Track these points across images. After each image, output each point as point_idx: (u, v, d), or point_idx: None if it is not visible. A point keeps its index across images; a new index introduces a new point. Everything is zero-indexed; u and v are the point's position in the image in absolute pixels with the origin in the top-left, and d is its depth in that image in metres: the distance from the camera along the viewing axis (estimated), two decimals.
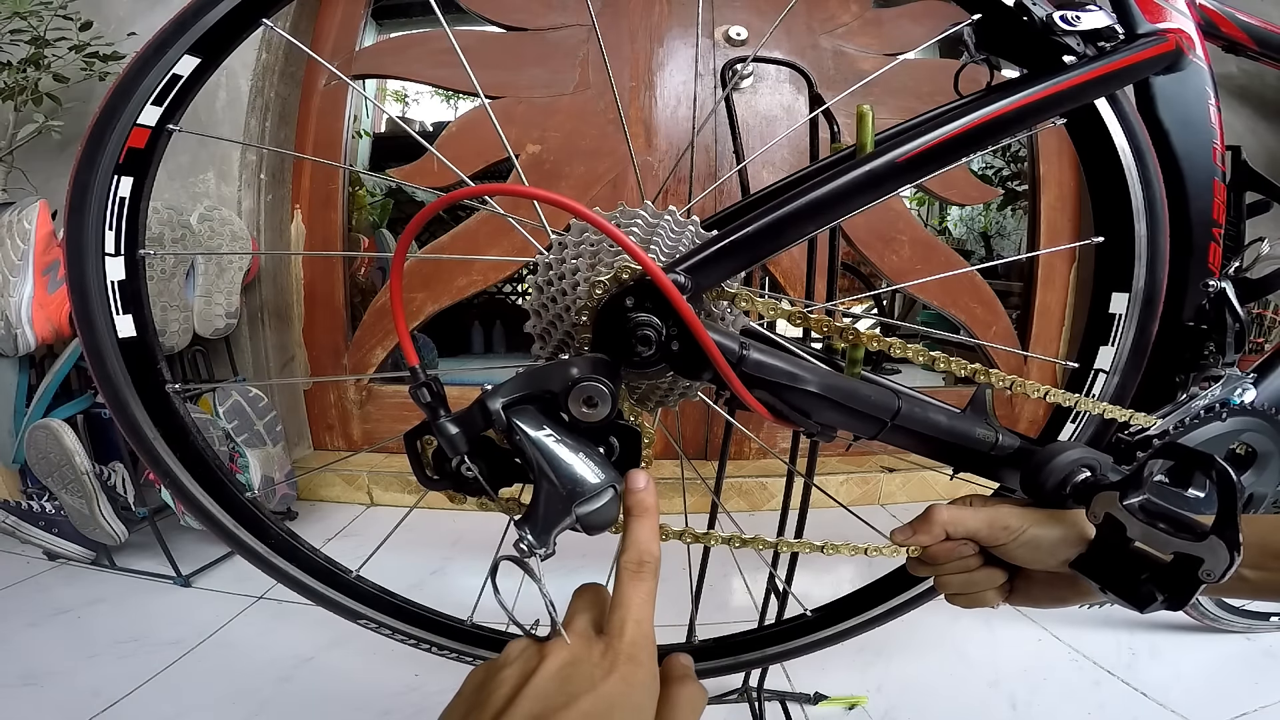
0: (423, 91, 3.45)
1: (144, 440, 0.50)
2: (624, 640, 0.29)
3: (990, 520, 0.42)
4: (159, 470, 0.51)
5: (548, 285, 0.44)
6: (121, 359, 0.48)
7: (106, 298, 0.47)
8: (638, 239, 0.43)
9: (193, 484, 0.52)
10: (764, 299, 0.42)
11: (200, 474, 0.52)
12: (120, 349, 0.48)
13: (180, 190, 1.45)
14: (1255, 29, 0.60)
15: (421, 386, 0.35)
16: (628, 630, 0.30)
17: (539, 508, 0.34)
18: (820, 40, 1.59)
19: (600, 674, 0.28)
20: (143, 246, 0.48)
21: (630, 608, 0.30)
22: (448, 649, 0.60)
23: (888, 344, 0.43)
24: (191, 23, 0.46)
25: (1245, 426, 0.61)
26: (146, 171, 0.48)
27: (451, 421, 0.35)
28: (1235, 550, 0.34)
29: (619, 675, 0.28)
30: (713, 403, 0.55)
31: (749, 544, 0.47)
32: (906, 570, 0.62)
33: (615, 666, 0.28)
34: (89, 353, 0.47)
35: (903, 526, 0.45)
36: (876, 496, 1.56)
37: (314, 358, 1.65)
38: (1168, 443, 0.42)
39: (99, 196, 0.46)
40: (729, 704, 0.80)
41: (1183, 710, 0.82)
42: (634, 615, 0.30)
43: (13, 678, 0.85)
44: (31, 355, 1.15)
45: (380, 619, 0.59)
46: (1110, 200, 0.52)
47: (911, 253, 1.62)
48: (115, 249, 0.47)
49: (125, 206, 0.47)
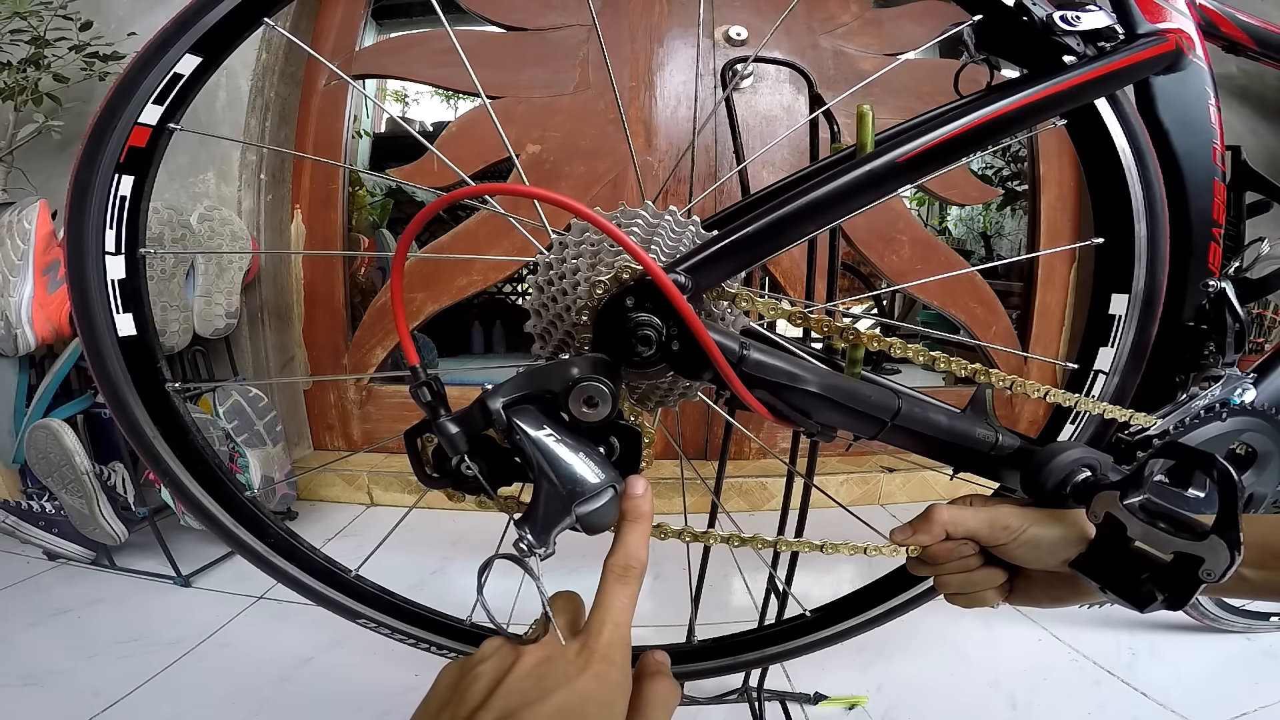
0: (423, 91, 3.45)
1: (144, 440, 0.50)
2: (600, 640, 0.30)
3: (990, 520, 0.42)
4: (159, 470, 0.51)
5: (548, 285, 0.44)
6: (121, 358, 0.48)
7: (107, 296, 0.47)
8: (639, 239, 0.43)
9: (193, 484, 0.52)
10: (764, 299, 0.42)
11: (200, 473, 0.52)
12: (120, 348, 0.48)
13: (180, 190, 1.45)
14: (1255, 29, 0.60)
15: (422, 386, 0.35)
16: (605, 631, 0.30)
17: (538, 507, 0.34)
18: (820, 40, 1.59)
19: (575, 671, 0.28)
20: (143, 245, 0.48)
21: (610, 610, 0.31)
22: (447, 648, 0.60)
23: (888, 344, 0.43)
24: (193, 22, 0.46)
25: (1245, 426, 0.61)
26: (147, 170, 0.48)
27: (452, 421, 0.35)
28: (1236, 550, 0.34)
29: (593, 673, 0.28)
30: (712, 403, 0.55)
31: (748, 543, 0.47)
32: (906, 570, 0.62)
33: (590, 664, 0.29)
34: (89, 351, 0.47)
35: (902, 526, 0.45)
36: (876, 496, 1.56)
37: (314, 358, 1.65)
38: (1168, 442, 0.42)
39: (100, 196, 0.46)
40: (729, 704, 0.80)
41: (1183, 710, 0.82)
42: (613, 618, 0.31)
43: (13, 678, 0.85)
44: (31, 355, 1.15)
45: (380, 619, 0.59)
46: (1110, 200, 0.52)
47: (911, 253, 1.62)
48: (116, 248, 0.47)
49: (126, 206, 0.47)
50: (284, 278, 1.60)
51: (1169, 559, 0.38)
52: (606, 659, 0.29)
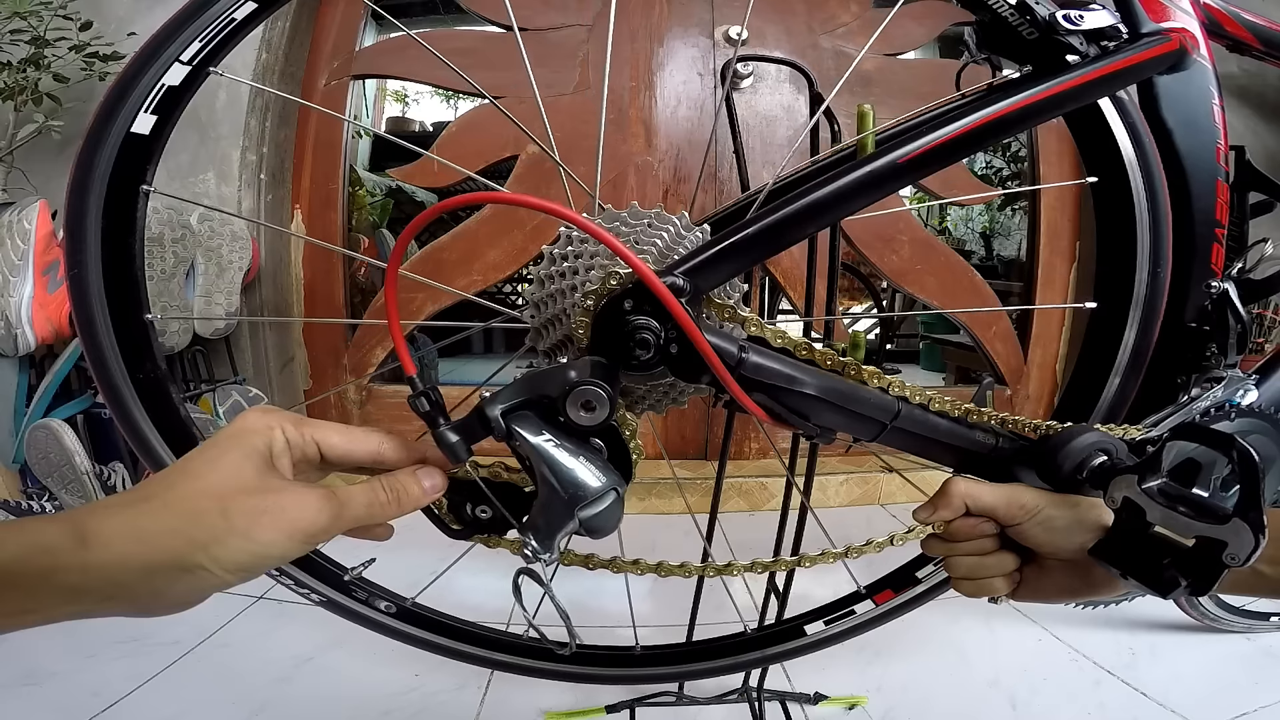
0: (423, 91, 3.45)
1: (144, 440, 0.50)
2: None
3: (1008, 497, 0.42)
4: (130, 432, 0.50)
5: (549, 281, 0.44)
6: (122, 358, 0.48)
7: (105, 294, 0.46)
8: (639, 240, 0.43)
9: (164, 447, 0.51)
10: (773, 327, 0.42)
11: (174, 440, 0.52)
12: (120, 347, 0.47)
13: (180, 190, 1.45)
14: (1260, 28, 0.60)
15: (420, 396, 0.35)
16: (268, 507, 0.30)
17: (542, 513, 0.34)
18: (820, 40, 1.58)
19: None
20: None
21: (301, 508, 0.30)
22: (445, 648, 0.60)
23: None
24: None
25: (1250, 428, 0.60)
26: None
27: (451, 429, 0.34)
28: (1260, 532, 0.33)
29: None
30: (713, 404, 0.55)
31: (751, 569, 0.47)
32: (905, 570, 0.62)
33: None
34: (89, 352, 0.47)
35: (924, 504, 0.45)
36: (876, 497, 1.56)
37: (314, 358, 1.65)
38: (1187, 424, 0.42)
39: (99, 195, 0.46)
40: (729, 704, 0.80)
41: (1183, 710, 0.82)
42: (293, 513, 0.30)
43: (13, 678, 0.85)
44: (31, 355, 1.15)
45: (381, 620, 0.58)
46: (1113, 201, 0.52)
47: (911, 253, 1.62)
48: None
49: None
50: (284, 278, 1.60)
51: (1190, 544, 0.37)
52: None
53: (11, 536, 0.26)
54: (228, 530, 0.28)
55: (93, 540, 0.26)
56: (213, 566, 0.28)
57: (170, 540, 0.28)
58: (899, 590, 0.62)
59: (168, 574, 0.28)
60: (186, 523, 0.28)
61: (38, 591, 0.26)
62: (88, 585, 0.27)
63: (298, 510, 0.30)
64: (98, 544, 0.26)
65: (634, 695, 0.80)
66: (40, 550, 0.26)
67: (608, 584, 0.38)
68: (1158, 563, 0.38)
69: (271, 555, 0.29)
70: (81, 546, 0.26)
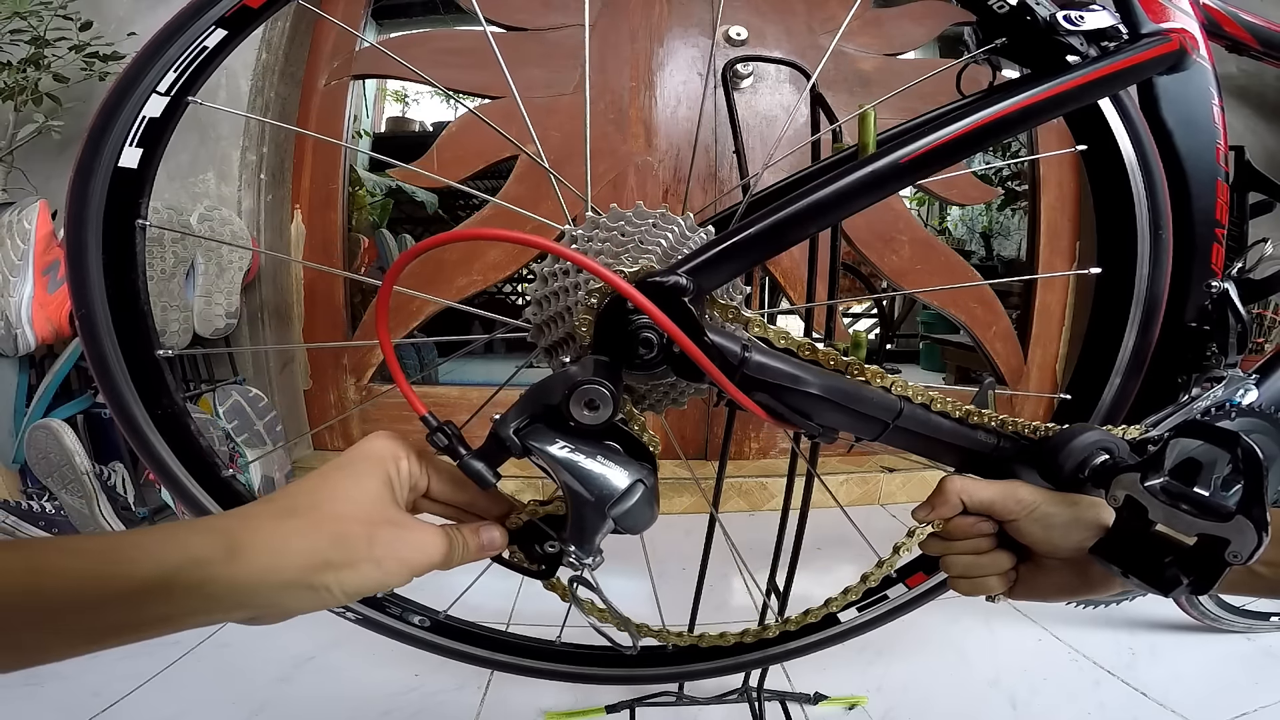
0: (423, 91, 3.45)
1: (144, 440, 0.50)
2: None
3: (1005, 493, 0.42)
4: (159, 470, 0.51)
5: (551, 278, 0.44)
6: (139, 396, 0.48)
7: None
8: (643, 241, 0.43)
9: (193, 484, 0.52)
10: (775, 328, 0.42)
11: (200, 473, 0.52)
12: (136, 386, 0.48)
13: (180, 190, 1.45)
14: (1259, 29, 0.60)
15: (436, 432, 0.35)
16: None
17: (576, 520, 0.34)
18: (820, 40, 1.58)
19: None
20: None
21: (409, 546, 0.31)
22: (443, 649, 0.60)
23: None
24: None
25: (1251, 428, 0.60)
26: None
27: (473, 458, 0.35)
28: (1264, 530, 0.33)
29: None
30: (714, 403, 0.55)
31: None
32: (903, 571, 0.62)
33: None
34: (89, 352, 0.47)
35: (922, 504, 0.45)
36: (876, 497, 1.56)
37: (314, 358, 1.65)
38: (1190, 421, 0.42)
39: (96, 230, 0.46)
40: (729, 704, 0.80)
41: (1183, 710, 0.82)
42: (399, 553, 0.31)
43: (13, 678, 0.85)
44: (31, 355, 1.15)
45: (382, 620, 0.58)
46: (1113, 201, 0.52)
47: (911, 253, 1.62)
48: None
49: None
50: (284, 277, 1.60)
51: (1192, 542, 0.37)
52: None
53: (171, 549, 0.26)
54: (366, 558, 0.29)
55: (241, 554, 0.27)
56: (336, 589, 0.29)
57: (309, 559, 0.28)
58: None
59: (296, 591, 0.28)
60: (330, 544, 0.28)
61: (181, 601, 0.26)
62: (224, 596, 0.26)
63: (425, 547, 0.31)
64: (245, 557, 0.27)
65: (634, 695, 0.80)
66: (196, 563, 0.26)
67: (609, 584, 0.38)
68: (1159, 561, 0.38)
69: (389, 585, 0.30)
70: (231, 560, 0.26)
